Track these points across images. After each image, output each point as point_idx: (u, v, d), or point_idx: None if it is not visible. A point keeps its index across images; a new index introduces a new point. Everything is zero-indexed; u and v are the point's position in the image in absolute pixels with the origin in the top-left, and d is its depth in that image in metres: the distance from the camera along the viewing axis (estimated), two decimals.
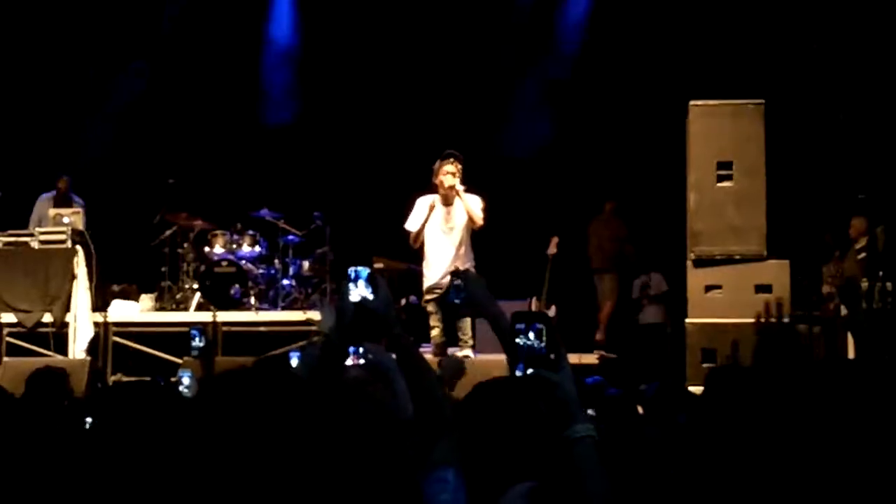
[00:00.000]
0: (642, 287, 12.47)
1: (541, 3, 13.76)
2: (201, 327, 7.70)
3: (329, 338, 2.90)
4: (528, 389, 2.54)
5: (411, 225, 9.27)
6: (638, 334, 12.37)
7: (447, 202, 9.21)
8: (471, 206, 9.08)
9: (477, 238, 9.38)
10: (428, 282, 9.20)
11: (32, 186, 12.35)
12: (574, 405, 2.44)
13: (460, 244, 9.17)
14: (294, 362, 4.92)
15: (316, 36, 13.95)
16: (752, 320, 8.92)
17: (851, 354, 9.08)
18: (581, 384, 5.43)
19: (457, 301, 2.96)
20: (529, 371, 2.47)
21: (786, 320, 9.17)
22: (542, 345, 2.50)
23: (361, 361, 3.53)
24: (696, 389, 5.69)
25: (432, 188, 9.24)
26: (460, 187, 9.06)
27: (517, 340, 2.41)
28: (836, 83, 11.90)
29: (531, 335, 2.45)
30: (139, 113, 13.72)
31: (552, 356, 2.50)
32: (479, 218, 9.08)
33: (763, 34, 12.26)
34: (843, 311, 9.46)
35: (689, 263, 9.51)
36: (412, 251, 9.48)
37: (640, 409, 5.19)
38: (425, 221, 9.13)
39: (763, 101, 9.53)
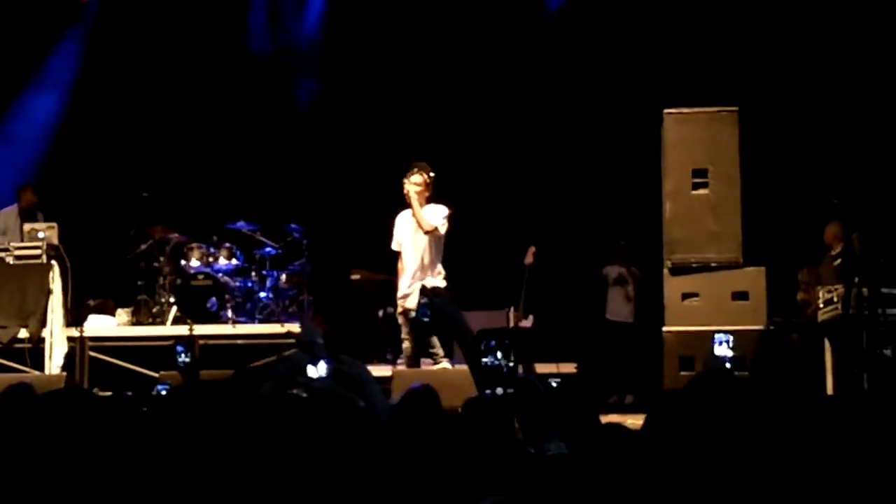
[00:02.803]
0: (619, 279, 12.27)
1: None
2: (187, 343, 7.65)
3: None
4: (505, 407, 2.54)
5: (394, 245, 9.26)
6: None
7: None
8: (420, 213, 9.03)
9: (453, 248, 9.34)
10: (399, 292, 9.18)
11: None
12: (548, 423, 2.44)
13: (424, 253, 9.09)
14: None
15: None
16: (729, 327, 8.90)
17: (829, 359, 9.08)
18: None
19: (425, 319, 2.97)
20: (498, 390, 2.47)
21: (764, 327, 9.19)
22: (510, 363, 2.50)
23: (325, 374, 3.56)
24: None
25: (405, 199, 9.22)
26: (413, 196, 9.00)
27: (484, 360, 2.40)
28: (811, 89, 11.96)
29: (498, 354, 2.44)
30: (112, 124, 13.65)
31: (520, 371, 2.51)
32: (426, 224, 8.99)
33: (736, 41, 12.29)
34: (820, 316, 9.45)
35: (665, 271, 9.51)
36: (392, 262, 9.45)
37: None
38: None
39: (737, 108, 9.55)
